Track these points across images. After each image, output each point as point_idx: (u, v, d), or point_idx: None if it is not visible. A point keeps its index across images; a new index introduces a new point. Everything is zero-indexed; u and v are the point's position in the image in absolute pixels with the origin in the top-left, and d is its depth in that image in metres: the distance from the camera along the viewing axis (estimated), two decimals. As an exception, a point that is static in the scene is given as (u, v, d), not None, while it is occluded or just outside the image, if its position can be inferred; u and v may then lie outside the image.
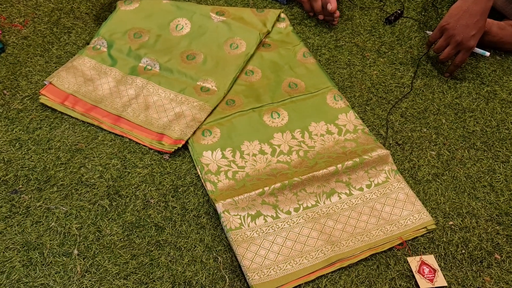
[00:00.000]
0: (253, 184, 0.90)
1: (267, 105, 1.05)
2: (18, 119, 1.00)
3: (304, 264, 0.81)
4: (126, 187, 0.90)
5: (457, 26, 1.06)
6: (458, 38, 1.06)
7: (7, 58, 1.12)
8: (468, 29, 1.05)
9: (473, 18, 1.05)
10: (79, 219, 0.85)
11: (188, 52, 1.14)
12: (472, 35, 1.05)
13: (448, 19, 1.07)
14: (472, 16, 1.05)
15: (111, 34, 1.16)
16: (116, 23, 1.18)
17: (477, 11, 1.04)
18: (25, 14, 1.23)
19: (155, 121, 1.00)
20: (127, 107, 1.02)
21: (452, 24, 1.06)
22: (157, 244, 0.83)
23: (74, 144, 0.96)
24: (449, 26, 1.07)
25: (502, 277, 0.82)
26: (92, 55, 1.12)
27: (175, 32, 1.18)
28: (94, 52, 1.13)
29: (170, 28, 1.19)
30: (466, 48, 1.07)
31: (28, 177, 0.91)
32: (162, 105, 1.03)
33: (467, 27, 1.05)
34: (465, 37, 1.06)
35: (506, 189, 0.94)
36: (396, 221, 0.87)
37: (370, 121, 1.05)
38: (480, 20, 1.05)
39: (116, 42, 1.14)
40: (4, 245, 0.81)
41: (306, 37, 1.24)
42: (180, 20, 1.20)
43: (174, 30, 1.18)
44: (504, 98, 1.11)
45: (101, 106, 1.02)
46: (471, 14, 1.05)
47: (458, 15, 1.05)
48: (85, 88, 1.05)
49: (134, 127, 0.99)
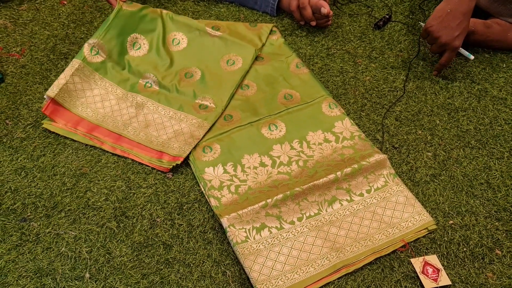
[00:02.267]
0: (256, 197, 0.92)
1: (264, 118, 1.07)
2: (22, 148, 1.02)
3: (310, 272, 0.83)
4: (132, 207, 0.93)
5: (441, 28, 1.08)
6: (442, 39, 1.09)
7: (7, 88, 1.14)
8: (452, 31, 1.08)
9: (456, 19, 1.07)
10: (89, 243, 0.87)
11: (186, 70, 1.16)
12: (455, 36, 1.08)
13: (432, 21, 1.10)
14: (455, 17, 1.07)
15: (110, 38, 1.16)
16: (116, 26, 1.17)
17: (460, 12, 1.07)
18: (21, 43, 1.25)
19: (154, 139, 1.02)
20: (127, 126, 1.05)
21: (435, 26, 1.09)
22: (166, 262, 0.85)
23: (78, 169, 0.98)
24: (433, 29, 1.09)
25: (504, 272, 0.84)
26: (91, 63, 1.11)
27: (172, 46, 1.20)
28: (93, 58, 1.12)
29: (167, 42, 1.20)
30: (451, 48, 1.10)
31: (36, 204, 0.93)
32: (162, 122, 1.06)
33: (451, 29, 1.08)
34: (449, 39, 1.09)
35: (503, 185, 0.96)
36: (397, 224, 0.90)
37: (366, 126, 1.07)
38: (463, 20, 1.08)
39: (114, 50, 1.15)
40: (17, 273, 0.83)
41: (298, 47, 1.26)
42: (176, 34, 1.22)
43: (171, 45, 1.20)
44: (495, 95, 1.14)
45: (103, 125, 1.04)
46: (454, 15, 1.07)
47: (441, 17, 1.08)
48: (87, 106, 1.07)
49: (135, 145, 1.01)
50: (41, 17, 1.33)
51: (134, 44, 1.18)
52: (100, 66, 1.13)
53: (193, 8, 1.36)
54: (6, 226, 0.89)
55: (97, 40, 1.14)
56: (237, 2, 1.38)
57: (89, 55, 1.12)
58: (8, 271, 0.83)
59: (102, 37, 1.15)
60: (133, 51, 1.17)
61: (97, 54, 1.13)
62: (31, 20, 1.32)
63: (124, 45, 1.18)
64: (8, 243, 0.87)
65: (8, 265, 0.84)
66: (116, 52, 1.16)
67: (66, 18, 1.33)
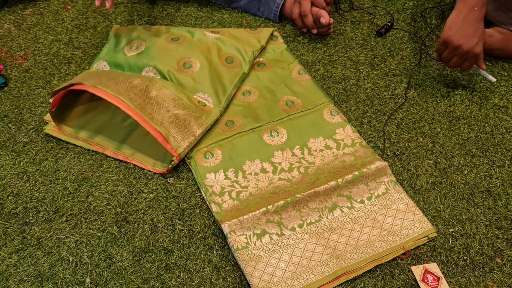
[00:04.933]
0: (257, 203, 0.93)
1: (266, 124, 1.07)
2: (25, 152, 1.02)
3: (310, 279, 0.83)
4: (134, 213, 0.93)
5: (460, 37, 1.07)
6: (463, 48, 1.07)
7: (10, 92, 1.15)
8: (471, 38, 1.07)
9: (471, 26, 1.06)
10: (90, 247, 0.88)
11: (184, 60, 1.14)
12: (475, 43, 1.07)
13: (449, 31, 1.08)
14: (470, 25, 1.06)
15: (110, 56, 1.18)
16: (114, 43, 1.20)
17: (473, 20, 1.06)
18: (25, 48, 1.26)
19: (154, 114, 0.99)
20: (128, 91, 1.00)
21: (453, 36, 1.07)
22: (167, 267, 0.85)
23: (80, 173, 0.99)
24: (452, 39, 1.07)
25: (505, 281, 0.84)
26: None
27: (171, 42, 1.18)
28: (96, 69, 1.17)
29: (166, 40, 1.19)
30: (472, 56, 1.09)
31: (38, 208, 0.93)
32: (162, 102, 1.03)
33: (469, 37, 1.06)
34: (470, 47, 1.07)
35: (504, 194, 0.97)
36: (398, 232, 0.90)
37: (367, 133, 1.08)
38: (479, 27, 1.07)
39: (116, 59, 1.16)
40: (18, 277, 0.83)
41: (300, 54, 1.27)
42: (175, 33, 1.21)
43: (169, 42, 1.18)
44: (496, 103, 1.14)
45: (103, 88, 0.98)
46: (469, 23, 1.06)
47: (456, 27, 1.07)
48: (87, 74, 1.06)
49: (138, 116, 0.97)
50: (45, 22, 1.34)
51: (132, 47, 1.18)
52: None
53: (196, 14, 1.37)
54: (8, 230, 0.90)
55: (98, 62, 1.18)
56: (240, 9, 1.39)
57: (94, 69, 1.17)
58: (9, 275, 0.84)
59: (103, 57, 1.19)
60: (130, 52, 1.17)
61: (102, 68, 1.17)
62: (35, 25, 1.33)
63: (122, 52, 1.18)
64: (10, 247, 0.87)
65: (9, 269, 0.84)
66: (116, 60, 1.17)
67: (69, 23, 1.34)
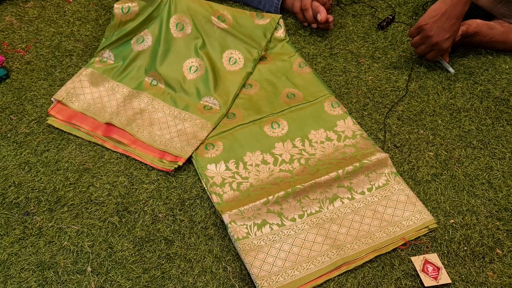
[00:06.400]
0: (257, 194, 0.93)
1: (267, 116, 1.07)
2: (26, 143, 1.03)
3: (311, 269, 0.83)
4: (135, 203, 0.93)
5: (434, 28, 1.09)
6: (433, 39, 1.10)
7: (12, 83, 1.15)
8: (444, 32, 1.09)
9: (450, 21, 1.08)
10: (91, 237, 0.88)
11: (190, 63, 1.16)
12: (446, 37, 1.10)
13: (427, 19, 1.10)
14: (449, 19, 1.08)
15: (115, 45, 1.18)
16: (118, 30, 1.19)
17: (454, 15, 1.08)
18: (27, 40, 1.26)
19: (158, 138, 1.03)
20: (131, 122, 1.05)
21: (429, 25, 1.09)
22: (167, 257, 0.86)
23: (81, 164, 0.99)
24: (427, 27, 1.10)
25: (505, 271, 0.84)
26: (99, 68, 1.16)
27: (176, 32, 1.18)
28: (101, 64, 1.16)
29: (170, 27, 1.18)
30: (439, 49, 1.12)
31: (39, 198, 0.93)
32: (166, 122, 1.06)
33: (443, 30, 1.09)
34: (440, 40, 1.10)
35: (504, 185, 0.97)
36: (398, 222, 0.90)
37: (368, 125, 1.08)
38: (456, 23, 1.09)
39: (121, 53, 1.17)
40: (20, 266, 0.84)
41: (301, 46, 1.27)
42: (181, 17, 1.19)
43: (175, 31, 1.18)
44: (497, 96, 1.14)
45: (109, 121, 1.05)
46: (449, 17, 1.08)
47: (436, 17, 1.08)
48: (94, 107, 1.08)
49: (138, 144, 1.02)
50: (46, 14, 1.34)
51: (138, 39, 1.18)
52: (108, 70, 1.16)
53: (197, 7, 1.37)
54: (10, 219, 0.90)
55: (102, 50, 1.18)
56: (241, 1, 1.39)
57: (97, 63, 1.17)
58: (11, 264, 0.84)
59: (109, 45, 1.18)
60: (137, 45, 1.18)
61: (106, 61, 1.17)
62: (37, 17, 1.33)
63: (129, 44, 1.18)
64: (11, 237, 0.88)
65: (10, 258, 0.85)
66: (122, 53, 1.17)
67: (71, 16, 1.34)
